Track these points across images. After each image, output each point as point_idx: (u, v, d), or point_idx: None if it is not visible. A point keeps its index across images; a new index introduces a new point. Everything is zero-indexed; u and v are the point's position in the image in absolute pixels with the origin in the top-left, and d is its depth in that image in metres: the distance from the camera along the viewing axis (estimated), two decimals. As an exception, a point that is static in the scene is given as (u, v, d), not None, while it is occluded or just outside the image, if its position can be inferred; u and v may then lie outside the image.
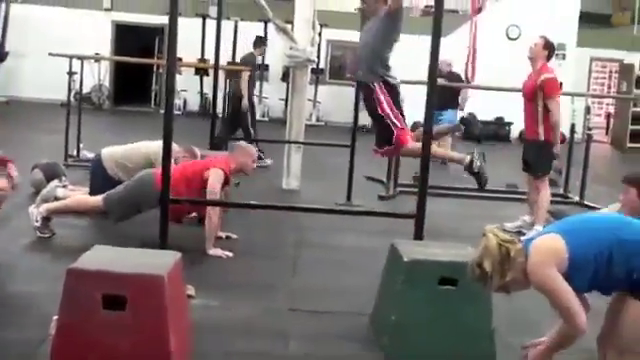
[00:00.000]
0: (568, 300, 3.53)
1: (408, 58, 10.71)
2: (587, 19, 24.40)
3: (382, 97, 6.96)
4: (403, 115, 7.13)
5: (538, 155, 8.00)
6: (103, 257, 4.04)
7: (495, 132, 18.84)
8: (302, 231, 7.47)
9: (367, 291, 5.06)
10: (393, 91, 7.04)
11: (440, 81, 13.15)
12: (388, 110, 6.95)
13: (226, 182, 6.56)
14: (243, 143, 7.22)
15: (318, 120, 19.48)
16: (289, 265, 6.38)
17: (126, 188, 6.50)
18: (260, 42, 13.23)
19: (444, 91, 13.33)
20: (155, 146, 6.77)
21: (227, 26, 17.01)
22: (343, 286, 5.88)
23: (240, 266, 6.20)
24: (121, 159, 7.24)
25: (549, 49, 8.08)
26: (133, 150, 7.31)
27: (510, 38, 19.11)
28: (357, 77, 7.28)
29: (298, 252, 6.80)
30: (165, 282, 3.73)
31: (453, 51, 13.28)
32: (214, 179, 6.38)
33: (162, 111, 5.54)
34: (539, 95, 7.84)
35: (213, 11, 12.75)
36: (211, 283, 5.60)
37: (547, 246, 3.55)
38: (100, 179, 7.15)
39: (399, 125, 7.01)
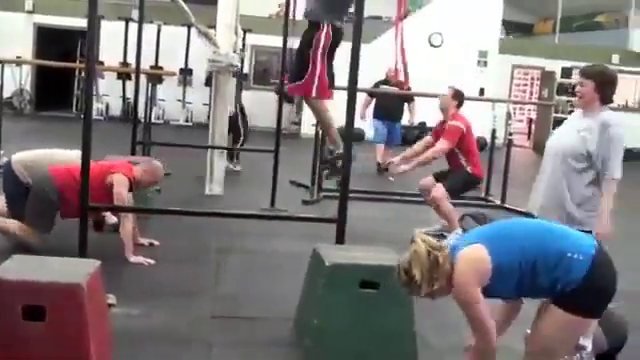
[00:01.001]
0: (483, 317, 3.59)
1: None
2: (510, 27, 24.94)
3: (322, 42, 6.48)
4: (329, 66, 6.72)
5: (460, 178, 8.17)
6: (22, 267, 3.93)
7: (418, 137, 18.99)
8: (225, 237, 7.42)
9: (291, 296, 5.05)
10: (335, 38, 6.56)
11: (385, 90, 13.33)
12: (318, 56, 6.62)
13: (130, 188, 6.45)
14: (155, 162, 6.96)
15: (242, 125, 19.40)
16: (212, 272, 6.32)
17: (30, 195, 6.37)
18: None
19: (400, 100, 13.48)
20: (73, 156, 6.56)
21: (150, 30, 16.87)
22: (267, 292, 5.86)
23: (162, 273, 6.11)
24: (31, 163, 6.93)
25: (458, 98, 8.38)
26: (45, 156, 7.04)
27: (433, 45, 19.34)
28: (306, 14, 6.71)
29: (221, 258, 6.76)
30: (84, 291, 3.66)
31: (377, 57, 13.39)
32: (119, 186, 6.25)
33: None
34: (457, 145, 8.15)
35: (136, 15, 12.66)
36: (132, 291, 5.52)
37: (472, 258, 3.55)
38: (12, 185, 6.90)
39: (317, 73, 6.52)
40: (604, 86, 4.98)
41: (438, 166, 8.51)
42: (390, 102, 13.36)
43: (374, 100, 13.47)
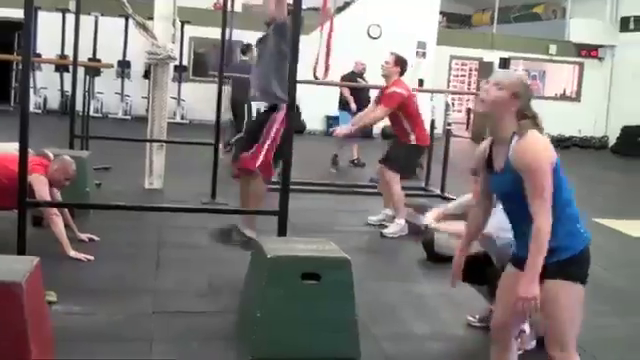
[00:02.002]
0: (547, 184, 3.32)
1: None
2: (448, 19, 25.18)
3: (277, 124, 6.25)
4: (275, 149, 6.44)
5: (405, 154, 8.22)
6: (-43, 266, 3.85)
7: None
8: (166, 231, 7.38)
9: (232, 289, 5.05)
10: (285, 122, 6.05)
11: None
12: (272, 136, 6.31)
13: (51, 184, 6.35)
14: (67, 158, 6.66)
15: (182, 118, 19.30)
16: (152, 266, 6.27)
17: None
18: (247, 49, 13.37)
19: (364, 93, 13.51)
20: (11, 148, 6.46)
21: (87, 21, 16.63)
22: (208, 285, 5.85)
23: (102, 269, 6.05)
24: None
25: (401, 65, 8.36)
26: None
27: (371, 37, 19.43)
28: (258, 99, 6.54)
29: (162, 253, 6.70)
30: (23, 289, 3.60)
31: (315, 49, 13.39)
32: (39, 187, 6.12)
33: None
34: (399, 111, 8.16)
35: (73, 6, 12.44)
36: (72, 288, 5.44)
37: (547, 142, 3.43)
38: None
39: (263, 152, 6.32)
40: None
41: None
42: (361, 95, 13.42)
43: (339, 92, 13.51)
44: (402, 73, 8.37)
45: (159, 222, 7.49)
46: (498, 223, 4.55)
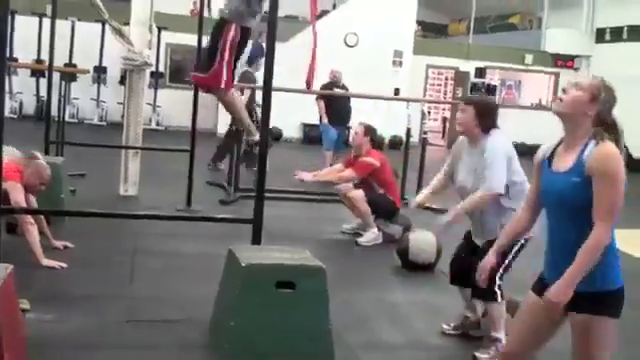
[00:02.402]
0: (619, 199, 3.27)
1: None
2: (424, 28, 25.29)
3: (230, 38, 6.46)
4: (234, 65, 6.72)
5: (379, 199, 8.23)
6: None
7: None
8: (141, 238, 7.35)
9: (207, 298, 5.02)
10: (243, 38, 6.60)
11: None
12: (227, 50, 6.61)
13: (26, 189, 6.31)
14: (41, 162, 6.58)
15: (158, 125, 19.20)
16: (127, 274, 6.24)
17: None
18: (253, 60, 13.35)
19: (348, 104, 13.47)
20: None
21: (64, 26, 16.56)
22: (183, 294, 5.82)
23: (76, 276, 6.01)
24: None
25: (370, 134, 8.45)
26: None
27: (348, 45, 19.47)
28: (220, 13, 6.69)
29: (136, 260, 6.67)
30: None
31: (292, 57, 13.41)
32: (15, 194, 6.08)
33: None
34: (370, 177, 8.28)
35: (50, 10, 12.30)
36: (46, 296, 5.42)
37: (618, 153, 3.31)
38: None
39: (223, 67, 6.51)
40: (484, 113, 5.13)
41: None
42: (342, 106, 13.37)
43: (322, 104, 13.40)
44: (372, 141, 8.46)
45: (134, 229, 7.46)
46: None
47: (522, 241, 4.84)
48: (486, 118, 5.14)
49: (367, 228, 8.19)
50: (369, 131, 8.47)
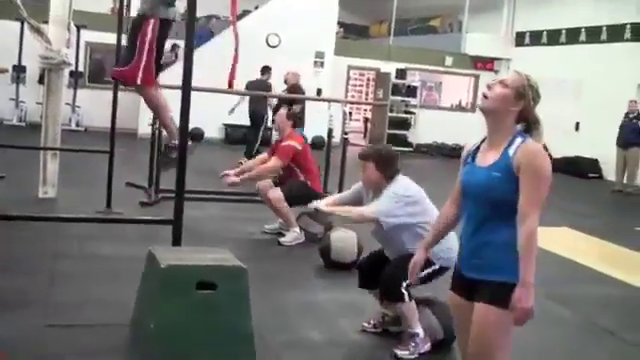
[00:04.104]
0: (545, 193, 3.33)
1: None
2: (346, 30, 25.45)
3: (149, 33, 6.56)
4: (159, 58, 6.59)
5: (297, 189, 8.24)
6: None
7: (263, 137, 19.10)
8: (60, 242, 7.21)
9: (128, 300, 4.96)
10: (163, 31, 6.49)
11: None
12: (146, 45, 6.56)
13: None
14: None
15: (78, 125, 18.89)
16: (46, 278, 6.12)
17: None
18: (266, 70, 15.23)
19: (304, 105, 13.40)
20: None
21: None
22: (103, 297, 5.75)
23: (-8, 280, 5.89)
24: None
25: (293, 118, 8.64)
26: None
27: (270, 46, 19.46)
28: (138, 10, 6.84)
29: (55, 264, 6.55)
30: None
31: (212, 57, 13.38)
32: None
33: None
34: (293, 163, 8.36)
35: (-35, 8, 12.02)
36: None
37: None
38: None
39: (142, 62, 6.39)
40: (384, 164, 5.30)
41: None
42: (303, 108, 13.44)
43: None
44: (295, 125, 8.61)
45: (54, 232, 7.32)
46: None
47: (437, 267, 4.96)
48: (388, 167, 5.30)
49: (289, 228, 8.21)
50: (291, 115, 8.66)
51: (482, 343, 3.32)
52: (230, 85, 7.48)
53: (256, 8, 20.87)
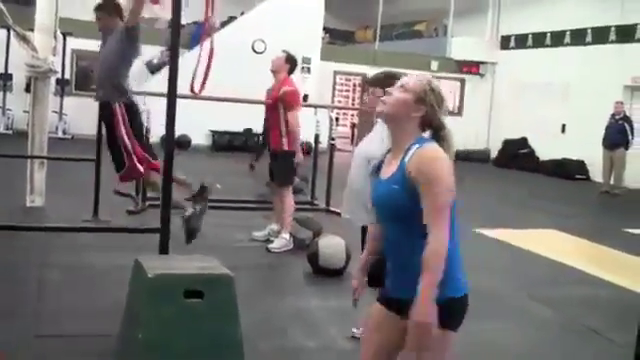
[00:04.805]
0: (446, 202, 2.98)
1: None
2: (331, 35, 25.50)
3: (120, 121, 6.61)
4: (142, 137, 6.99)
5: (282, 165, 8.23)
6: None
7: (244, 143, 19.14)
8: (47, 251, 7.18)
9: (116, 310, 4.95)
10: (131, 112, 6.76)
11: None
12: (125, 136, 6.65)
13: None
14: None
15: (65, 133, 18.87)
16: (34, 288, 6.12)
17: None
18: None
19: None
20: None
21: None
22: (91, 306, 5.73)
23: (-20, 290, 5.87)
24: None
25: (291, 63, 8.37)
26: None
27: (256, 52, 19.47)
28: (97, 98, 6.98)
29: (43, 273, 6.54)
30: None
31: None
32: None
33: None
34: (281, 107, 8.10)
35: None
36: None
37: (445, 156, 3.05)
38: None
39: (132, 156, 6.69)
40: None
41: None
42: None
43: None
44: (291, 71, 8.48)
45: (41, 241, 7.31)
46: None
47: None
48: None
49: (279, 233, 8.18)
50: (290, 59, 8.45)
51: None
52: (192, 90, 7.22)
53: (242, 14, 20.90)
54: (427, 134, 3.14)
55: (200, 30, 12.90)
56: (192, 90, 6.11)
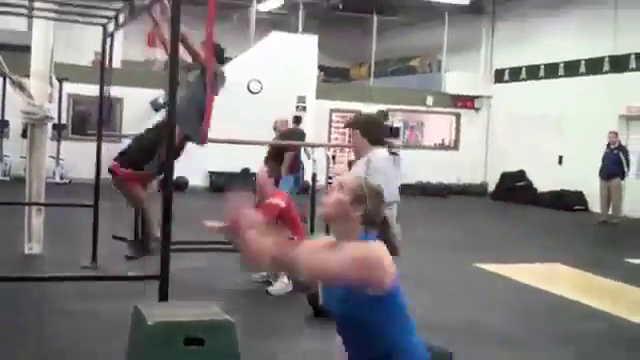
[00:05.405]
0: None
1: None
2: (326, 73, 25.64)
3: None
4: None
5: None
6: None
7: (242, 183, 19.13)
8: (47, 298, 7.15)
9: (116, 358, 4.91)
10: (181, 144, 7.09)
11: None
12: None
13: None
14: None
15: (62, 178, 18.88)
16: (33, 336, 6.08)
17: None
18: (298, 120, 15.53)
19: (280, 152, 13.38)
20: None
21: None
22: (90, 354, 5.71)
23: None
24: None
25: (275, 175, 8.90)
26: None
27: (252, 92, 19.55)
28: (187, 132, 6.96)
29: (43, 321, 6.51)
30: None
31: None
32: None
33: None
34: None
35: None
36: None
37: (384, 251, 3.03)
38: None
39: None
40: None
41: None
42: (298, 152, 13.40)
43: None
44: (276, 183, 8.65)
45: (40, 288, 7.30)
46: None
47: None
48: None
49: (277, 277, 8.15)
50: (273, 172, 8.66)
51: None
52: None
53: (238, 55, 21.02)
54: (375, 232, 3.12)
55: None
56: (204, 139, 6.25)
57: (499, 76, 23.03)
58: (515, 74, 22.26)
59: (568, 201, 19.11)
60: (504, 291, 8.91)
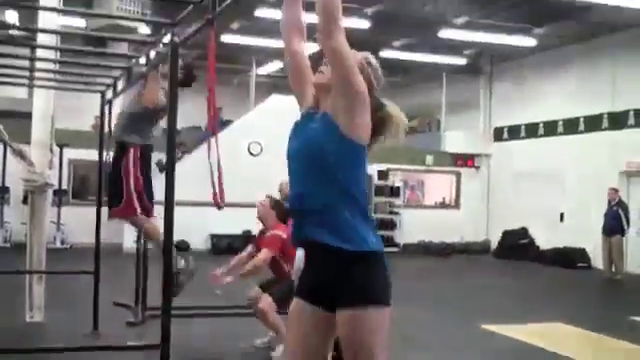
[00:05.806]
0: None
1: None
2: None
3: (131, 163, 6.91)
4: (147, 183, 7.18)
5: (287, 291, 8.11)
6: None
7: (244, 245, 19.03)
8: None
9: None
10: (143, 158, 7.09)
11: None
12: (131, 177, 6.92)
13: None
14: None
15: (63, 243, 18.85)
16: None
17: None
18: None
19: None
20: None
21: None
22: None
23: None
24: None
25: (276, 207, 8.41)
26: None
27: (252, 154, 19.62)
28: (115, 136, 7.35)
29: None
30: None
31: (199, 167, 13.40)
32: None
33: None
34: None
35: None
36: None
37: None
38: None
39: (133, 196, 7.01)
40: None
41: (265, 275, 8.47)
42: None
43: None
44: (279, 215, 8.33)
45: (45, 358, 7.22)
46: None
47: None
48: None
49: (279, 341, 8.04)
50: (275, 204, 8.41)
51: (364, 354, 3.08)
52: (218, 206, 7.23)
53: (239, 117, 21.15)
54: None
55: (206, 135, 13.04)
56: (217, 204, 6.21)
57: (498, 134, 23.12)
58: (514, 132, 22.36)
59: (571, 258, 19.03)
60: (509, 352, 8.81)
